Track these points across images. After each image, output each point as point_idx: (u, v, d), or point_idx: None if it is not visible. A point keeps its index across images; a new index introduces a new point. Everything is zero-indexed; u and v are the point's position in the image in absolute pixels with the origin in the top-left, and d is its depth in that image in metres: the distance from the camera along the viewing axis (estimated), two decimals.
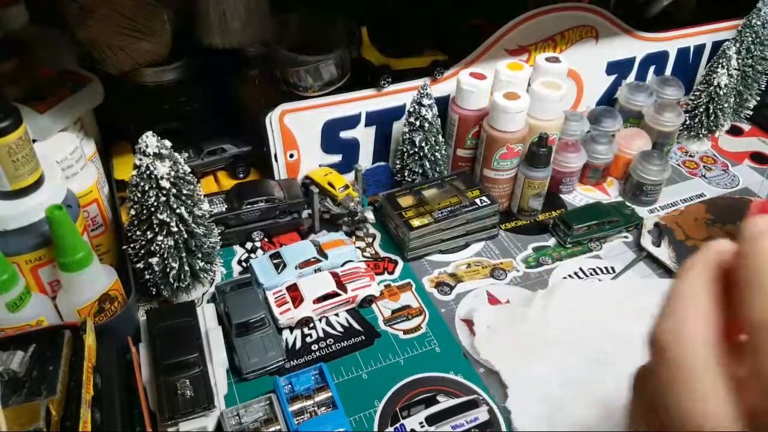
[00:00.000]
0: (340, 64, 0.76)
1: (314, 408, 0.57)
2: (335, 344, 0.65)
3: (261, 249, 0.77)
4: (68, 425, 0.47)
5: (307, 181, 0.81)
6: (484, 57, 0.84)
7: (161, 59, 0.73)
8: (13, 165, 0.53)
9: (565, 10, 0.86)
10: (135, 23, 0.69)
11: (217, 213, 0.73)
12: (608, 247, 0.79)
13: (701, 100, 0.94)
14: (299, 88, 0.76)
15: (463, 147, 0.83)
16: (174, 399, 0.54)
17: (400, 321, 0.68)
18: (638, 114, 0.94)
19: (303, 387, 0.58)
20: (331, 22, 0.78)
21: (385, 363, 0.63)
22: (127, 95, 0.78)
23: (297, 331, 0.66)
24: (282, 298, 0.67)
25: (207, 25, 0.73)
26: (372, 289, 0.69)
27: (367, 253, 0.77)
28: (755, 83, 0.99)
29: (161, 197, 0.59)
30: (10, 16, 0.69)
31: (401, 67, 0.80)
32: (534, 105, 0.78)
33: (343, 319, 0.68)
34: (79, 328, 0.54)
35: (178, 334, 0.59)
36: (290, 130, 0.78)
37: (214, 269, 0.69)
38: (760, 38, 0.96)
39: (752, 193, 0.89)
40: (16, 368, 0.49)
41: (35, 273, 0.58)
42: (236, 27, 0.74)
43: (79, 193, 0.63)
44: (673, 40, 0.99)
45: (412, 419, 0.57)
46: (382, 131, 0.84)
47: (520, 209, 0.83)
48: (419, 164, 0.80)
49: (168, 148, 0.58)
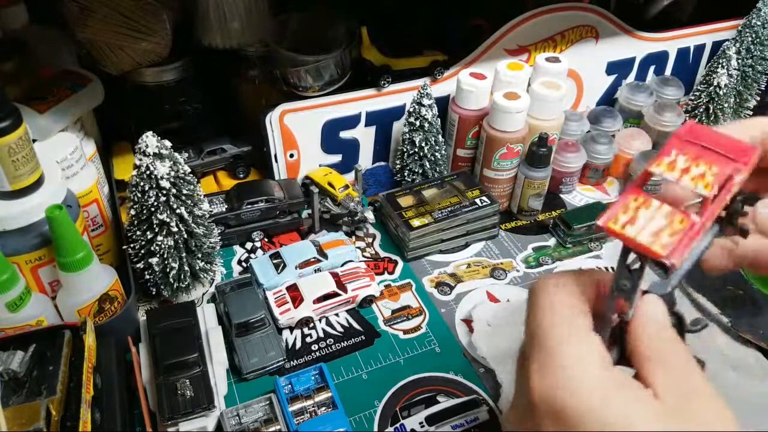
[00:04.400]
0: (340, 64, 0.76)
1: (314, 408, 0.57)
2: (335, 344, 0.65)
3: (261, 249, 0.77)
4: (68, 425, 0.47)
5: (307, 181, 0.81)
6: (484, 57, 0.84)
7: (161, 59, 0.73)
8: (13, 165, 0.53)
9: (565, 10, 0.86)
10: (135, 23, 0.69)
11: (217, 213, 0.73)
12: (608, 247, 0.79)
13: (701, 100, 0.94)
14: (299, 88, 0.76)
15: (463, 147, 0.83)
16: (174, 399, 0.54)
17: (400, 321, 0.68)
18: (638, 114, 0.94)
19: (303, 387, 0.58)
20: (331, 22, 0.78)
21: (385, 363, 0.63)
22: (127, 95, 0.78)
23: (297, 331, 0.66)
24: (282, 298, 0.67)
25: (207, 25, 0.73)
26: (372, 289, 0.69)
27: (367, 253, 0.77)
28: (755, 83, 0.99)
29: (161, 197, 0.59)
30: (10, 16, 0.69)
31: (401, 67, 0.80)
32: (534, 105, 0.78)
33: (343, 319, 0.68)
34: (79, 328, 0.54)
35: (178, 334, 0.59)
36: (290, 130, 0.78)
37: (214, 269, 0.69)
38: (760, 38, 0.95)
39: None
40: (16, 368, 0.49)
41: (35, 273, 0.58)
42: (236, 27, 0.74)
43: (79, 193, 0.63)
44: (673, 40, 0.99)
45: (412, 419, 0.57)
46: (382, 131, 0.84)
47: (520, 209, 0.83)
48: (419, 164, 0.80)
49: (168, 148, 0.58)
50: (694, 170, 0.29)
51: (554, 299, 0.32)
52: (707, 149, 0.29)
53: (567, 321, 0.32)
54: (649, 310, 0.33)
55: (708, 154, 0.29)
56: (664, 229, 0.28)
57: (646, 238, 0.28)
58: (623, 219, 0.29)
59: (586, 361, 0.30)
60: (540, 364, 0.31)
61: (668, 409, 0.29)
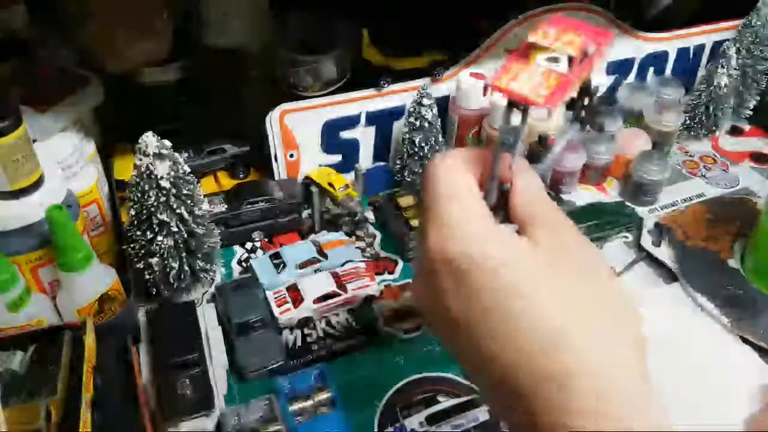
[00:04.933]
0: (340, 64, 0.76)
1: (314, 408, 0.57)
2: (335, 344, 0.65)
3: (261, 249, 0.77)
4: (68, 425, 0.47)
5: (307, 181, 0.81)
6: (484, 57, 0.84)
7: (161, 59, 0.73)
8: (13, 165, 0.53)
9: (565, 11, 0.86)
10: (135, 23, 0.69)
11: (217, 213, 0.73)
12: (608, 247, 0.79)
13: (701, 100, 0.94)
14: (299, 88, 0.76)
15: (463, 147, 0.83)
16: (174, 399, 0.54)
17: (400, 321, 0.68)
18: (638, 114, 0.94)
19: (303, 387, 0.58)
20: (331, 22, 0.78)
21: (385, 363, 0.63)
22: (127, 95, 0.78)
23: (297, 331, 0.66)
24: (282, 298, 0.67)
25: (207, 25, 0.73)
26: (372, 289, 0.69)
27: (367, 253, 0.77)
28: (755, 83, 0.99)
29: (161, 197, 0.59)
30: (10, 16, 0.69)
31: (401, 67, 0.80)
32: None
33: (343, 319, 0.68)
34: (79, 328, 0.54)
35: (178, 334, 0.59)
36: (290, 130, 0.78)
37: (214, 269, 0.69)
38: (760, 38, 0.95)
39: (752, 193, 0.89)
40: (16, 368, 0.49)
41: (35, 273, 0.58)
42: (236, 27, 0.74)
43: (79, 193, 0.63)
44: (673, 40, 0.99)
45: (412, 419, 0.57)
46: (382, 131, 0.84)
47: None
48: (419, 164, 0.80)
49: (168, 148, 0.58)
50: (564, 37, 0.36)
51: (441, 171, 0.37)
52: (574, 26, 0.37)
53: (453, 186, 0.36)
54: (525, 179, 0.39)
55: (575, 29, 0.36)
56: (542, 84, 0.35)
57: (527, 91, 0.34)
58: (507, 78, 0.35)
59: (470, 216, 0.35)
60: (431, 224, 0.36)
61: (543, 248, 0.34)
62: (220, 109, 0.84)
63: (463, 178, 0.37)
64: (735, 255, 0.75)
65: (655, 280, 0.74)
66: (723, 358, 0.64)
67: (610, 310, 0.33)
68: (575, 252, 0.35)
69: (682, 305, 0.70)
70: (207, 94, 0.83)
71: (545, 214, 0.36)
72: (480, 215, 0.35)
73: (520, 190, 0.38)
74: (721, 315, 0.68)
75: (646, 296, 0.71)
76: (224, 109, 0.84)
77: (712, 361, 0.64)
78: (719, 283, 0.71)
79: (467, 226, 0.34)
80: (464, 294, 0.33)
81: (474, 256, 0.33)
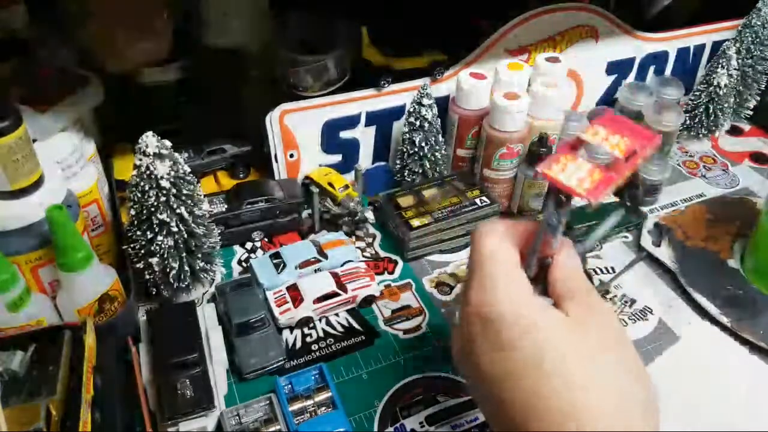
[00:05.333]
0: (340, 64, 0.76)
1: (314, 408, 0.57)
2: (335, 344, 0.65)
3: (261, 249, 0.77)
4: (68, 425, 0.47)
5: (307, 181, 0.81)
6: (484, 57, 0.84)
7: (161, 59, 0.73)
8: (13, 165, 0.53)
9: (565, 10, 0.86)
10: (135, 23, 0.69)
11: (217, 213, 0.73)
12: (608, 247, 0.79)
13: (701, 100, 0.94)
14: (299, 88, 0.76)
15: (463, 147, 0.83)
16: (174, 399, 0.54)
17: (400, 321, 0.68)
18: (638, 114, 0.94)
19: (303, 387, 0.58)
20: (331, 22, 0.78)
21: (385, 363, 0.63)
22: (127, 95, 0.78)
23: (297, 331, 0.66)
24: (282, 298, 0.67)
25: (207, 25, 0.73)
26: (372, 289, 0.69)
27: (367, 253, 0.77)
28: (755, 83, 0.99)
29: (161, 197, 0.59)
30: (10, 16, 0.69)
31: (401, 67, 0.80)
32: (534, 105, 0.78)
33: (343, 319, 0.68)
34: (79, 328, 0.54)
35: (178, 334, 0.59)
36: (290, 130, 0.78)
37: (214, 269, 0.69)
38: (760, 38, 0.95)
39: (752, 193, 0.89)
40: (16, 368, 0.49)
41: (35, 273, 0.58)
42: (236, 26, 0.74)
43: (79, 193, 0.63)
44: (673, 40, 0.99)
45: (412, 419, 0.57)
46: (382, 131, 0.84)
47: (520, 209, 0.83)
48: (419, 164, 0.80)
49: (168, 148, 0.58)
50: (612, 139, 0.40)
51: (487, 239, 0.41)
52: (622, 128, 0.40)
53: (497, 253, 0.41)
54: (566, 256, 0.42)
55: (622, 131, 0.40)
56: (586, 178, 0.39)
57: (573, 183, 0.38)
58: (556, 168, 0.39)
59: (510, 281, 0.39)
60: (474, 283, 0.40)
61: (572, 320, 0.38)
62: (220, 109, 0.84)
63: (506, 247, 0.41)
64: (735, 255, 0.75)
65: (655, 280, 0.74)
66: (723, 358, 0.64)
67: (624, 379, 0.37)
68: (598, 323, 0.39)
69: (682, 305, 0.70)
70: (207, 94, 0.83)
71: (581, 291, 0.40)
72: (519, 282, 0.39)
73: (561, 265, 0.42)
74: (721, 315, 0.68)
75: (647, 296, 0.71)
76: (224, 109, 0.84)
77: (712, 361, 0.64)
78: (719, 284, 0.71)
79: (507, 288, 0.39)
80: (493, 348, 0.38)
81: (507, 314, 0.37)
